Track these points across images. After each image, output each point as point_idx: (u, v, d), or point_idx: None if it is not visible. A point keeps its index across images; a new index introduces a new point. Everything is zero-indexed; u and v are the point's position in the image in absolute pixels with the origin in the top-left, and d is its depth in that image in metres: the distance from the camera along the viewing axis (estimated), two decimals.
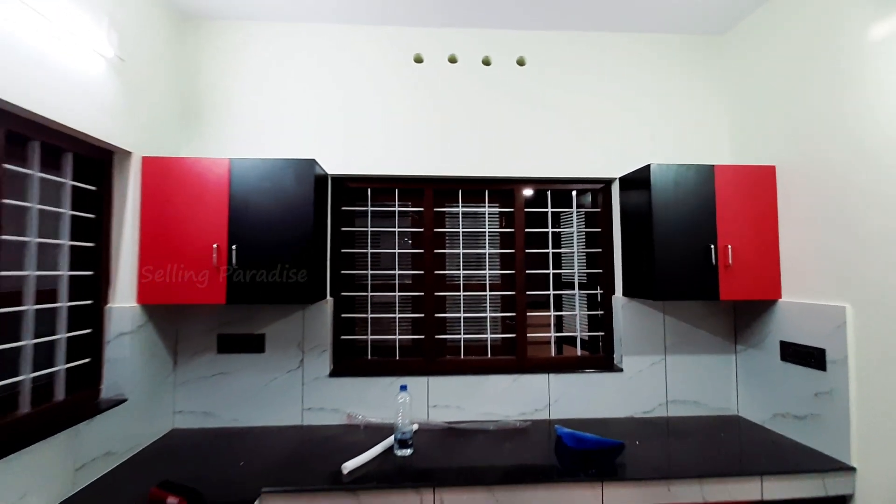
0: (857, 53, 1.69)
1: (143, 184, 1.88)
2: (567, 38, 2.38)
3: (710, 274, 2.01)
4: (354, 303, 2.40)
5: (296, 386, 2.19)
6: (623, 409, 2.27)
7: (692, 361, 2.32)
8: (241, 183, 1.90)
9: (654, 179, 2.02)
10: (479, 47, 2.34)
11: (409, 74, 2.31)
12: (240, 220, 1.89)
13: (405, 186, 2.39)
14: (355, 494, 1.57)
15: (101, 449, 1.66)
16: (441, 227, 2.42)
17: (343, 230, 2.37)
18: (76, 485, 1.53)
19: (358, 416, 2.17)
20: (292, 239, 1.91)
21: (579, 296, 2.47)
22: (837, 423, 1.75)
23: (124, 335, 1.81)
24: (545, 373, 2.28)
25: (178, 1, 2.10)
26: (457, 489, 1.59)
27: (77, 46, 1.54)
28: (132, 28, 1.83)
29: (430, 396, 2.23)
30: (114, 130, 1.73)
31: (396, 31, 2.32)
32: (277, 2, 2.11)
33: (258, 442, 1.96)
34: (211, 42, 2.25)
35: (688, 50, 2.41)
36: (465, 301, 2.42)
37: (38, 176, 1.50)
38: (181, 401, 2.14)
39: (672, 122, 2.38)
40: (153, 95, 1.99)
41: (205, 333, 2.17)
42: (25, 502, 1.34)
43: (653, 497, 1.63)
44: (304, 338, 2.21)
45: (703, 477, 1.65)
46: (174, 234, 1.88)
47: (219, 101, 2.23)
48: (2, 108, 1.32)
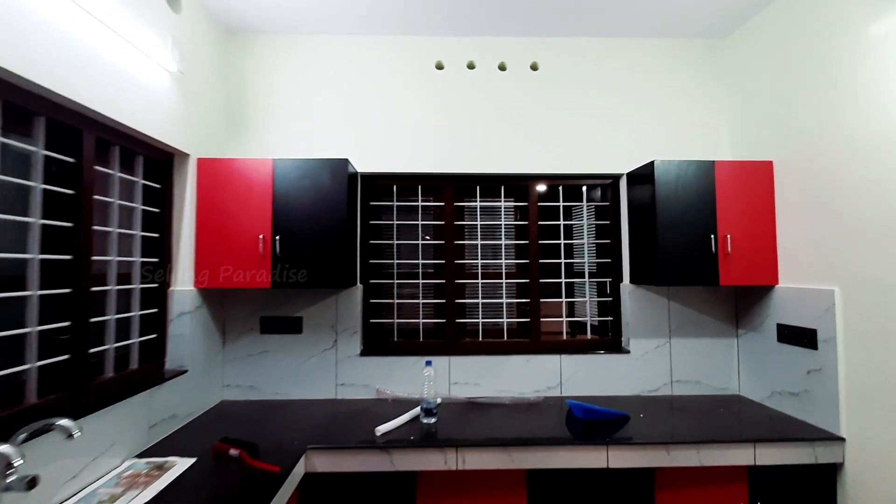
0: (850, 55, 1.83)
1: (198, 182, 2.13)
2: (577, 44, 2.55)
3: (710, 261, 2.17)
4: (382, 289, 2.63)
5: (330, 363, 2.43)
6: (630, 387, 2.45)
7: (696, 344, 2.48)
8: (283, 180, 2.14)
9: (658, 174, 2.19)
10: (495, 54, 2.53)
11: (431, 80, 2.52)
12: (282, 213, 2.13)
13: (427, 183, 2.61)
14: (388, 452, 1.79)
15: (168, 412, 1.91)
16: (460, 220, 2.63)
17: (371, 223, 2.59)
18: (150, 440, 1.79)
19: (386, 391, 2.40)
20: (328, 230, 2.13)
21: (589, 284, 2.65)
22: (828, 397, 1.90)
23: (184, 315, 2.07)
24: (557, 354, 2.47)
25: (224, 19, 2.35)
26: (477, 449, 1.80)
27: (149, 64, 1.79)
28: (188, 45, 2.08)
29: (452, 374, 2.44)
30: (175, 135, 1.98)
31: (419, 41, 2.53)
32: (311, 17, 2.34)
33: (298, 412, 2.20)
34: (253, 54, 2.49)
35: (691, 53, 2.56)
36: (483, 288, 2.62)
37: (117, 176, 1.75)
38: (229, 375, 2.40)
39: (677, 121, 2.54)
40: (205, 103, 2.24)
41: (249, 316, 2.42)
42: (114, 450, 1.59)
43: (653, 459, 1.81)
44: (338, 320, 2.44)
45: (699, 443, 1.82)
46: (225, 227, 2.12)
47: (260, 107, 2.47)
48: (94, 118, 1.57)
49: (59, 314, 1.49)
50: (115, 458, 1.59)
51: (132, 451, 1.69)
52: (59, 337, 1.50)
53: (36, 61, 1.28)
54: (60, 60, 1.36)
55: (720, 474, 1.85)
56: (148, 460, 1.65)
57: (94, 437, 1.51)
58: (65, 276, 1.51)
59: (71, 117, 1.50)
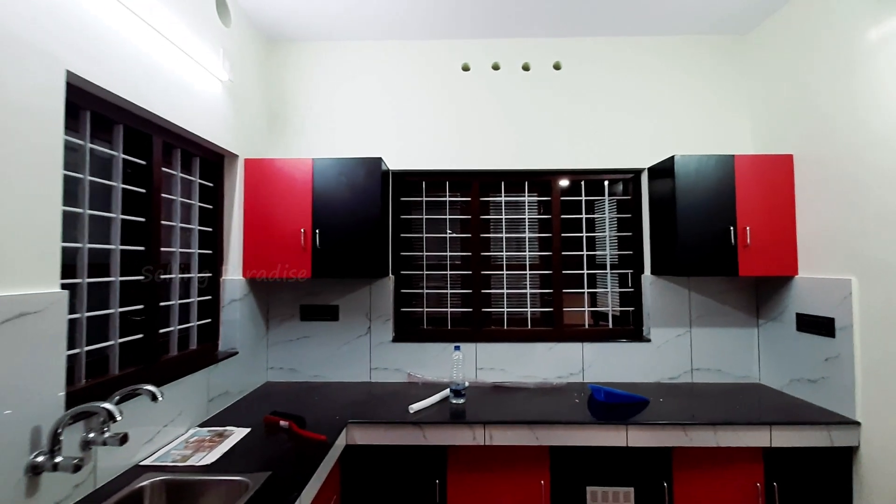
0: (869, 47, 1.87)
1: (245, 181, 2.32)
2: (599, 43, 2.64)
3: (730, 252, 2.24)
4: (411, 280, 2.78)
5: (364, 349, 2.60)
6: (650, 375, 2.54)
7: (716, 334, 2.55)
8: (322, 178, 2.31)
9: (678, 169, 2.27)
10: (519, 55, 2.65)
11: (458, 81, 2.65)
12: (321, 208, 2.30)
13: (455, 179, 2.74)
14: (421, 427, 1.95)
15: (223, 389, 2.12)
16: (486, 215, 2.76)
17: (401, 218, 2.75)
18: (209, 412, 2.00)
19: (416, 375, 2.56)
20: (363, 224, 2.30)
21: (610, 275, 2.75)
22: (844, 383, 1.96)
23: (235, 301, 2.27)
24: (579, 342, 2.58)
25: (266, 29, 2.53)
26: (503, 426, 1.94)
27: (204, 74, 1.98)
28: (236, 55, 2.27)
29: (478, 360, 2.58)
30: (226, 138, 2.17)
31: (446, 45, 2.66)
32: (344, 25, 2.50)
33: (336, 393, 2.38)
34: (291, 61, 2.68)
35: (712, 50, 2.62)
36: (508, 279, 2.75)
37: (179, 176, 1.96)
38: (272, 358, 2.60)
39: (698, 116, 2.60)
40: (250, 107, 2.43)
41: (290, 304, 2.62)
42: (180, 419, 1.80)
43: (671, 439, 1.91)
44: (371, 309, 2.61)
45: (716, 424, 1.91)
46: (270, 221, 2.31)
47: (298, 109, 2.66)
48: (161, 124, 1.77)
49: (134, 298, 1.69)
50: (181, 427, 1.80)
51: (195, 421, 1.89)
52: (135, 318, 1.71)
53: (116, 75, 1.47)
54: (135, 74, 1.56)
55: (737, 455, 1.94)
56: (209, 429, 1.85)
57: (165, 406, 1.71)
58: (138, 265, 1.71)
59: (143, 124, 1.70)
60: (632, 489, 1.94)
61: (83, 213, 1.44)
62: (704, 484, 1.94)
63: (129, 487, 1.38)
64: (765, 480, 1.93)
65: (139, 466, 1.52)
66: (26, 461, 1.14)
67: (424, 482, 1.96)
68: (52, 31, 1.23)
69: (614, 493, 1.94)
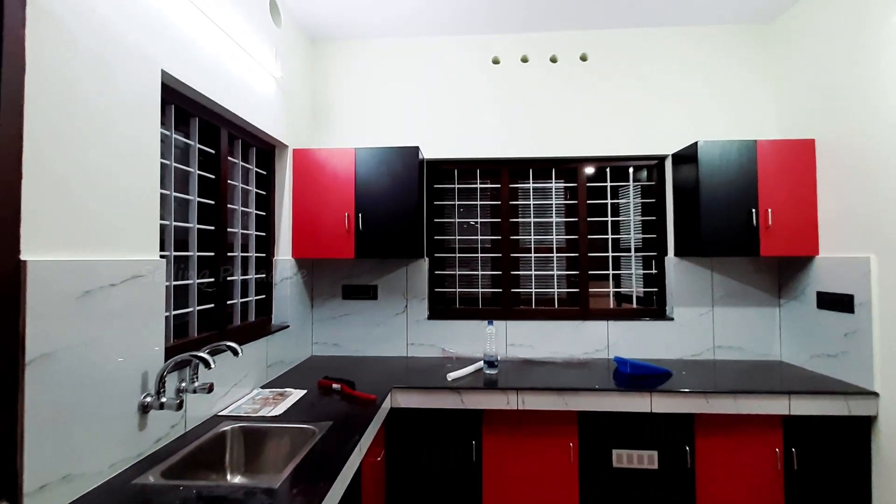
0: (890, 33, 1.94)
1: (294, 169, 2.53)
2: (625, 34, 2.75)
3: (752, 234, 2.34)
4: (445, 262, 2.96)
5: (401, 326, 2.79)
6: (673, 352, 2.67)
7: (738, 313, 2.65)
8: (363, 166, 2.50)
9: (701, 154, 2.38)
10: (547, 48, 2.78)
11: (489, 74, 2.80)
12: (363, 194, 2.49)
13: (485, 167, 2.90)
14: (458, 393, 2.12)
15: (278, 358, 2.34)
16: (515, 201, 2.91)
17: (435, 203, 2.92)
18: (269, 376, 2.22)
19: (450, 350, 2.74)
20: (401, 209, 2.48)
21: (635, 258, 2.87)
22: (863, 356, 2.06)
23: (286, 280, 2.48)
24: (604, 320, 2.72)
25: (309, 28, 2.72)
26: (535, 392, 2.10)
27: (261, 71, 2.18)
28: (286, 53, 2.47)
29: (508, 338, 2.75)
30: (278, 130, 2.37)
31: (477, 39, 2.81)
32: (383, 22, 2.67)
33: (376, 365, 2.57)
34: (333, 57, 2.86)
35: (736, 39, 2.69)
36: (535, 262, 2.89)
37: (240, 164, 2.17)
38: (317, 334, 2.82)
39: (723, 103, 2.69)
40: (297, 101, 2.63)
41: (333, 283, 2.83)
42: (246, 380, 2.02)
43: (693, 406, 2.04)
44: (408, 288, 2.80)
45: (736, 392, 2.04)
46: (316, 206, 2.51)
47: (339, 102, 2.85)
48: (228, 117, 1.98)
49: (207, 272, 1.91)
50: (246, 388, 2.02)
51: (258, 383, 2.11)
52: (207, 290, 1.93)
53: (199, 74, 1.68)
54: (211, 72, 1.76)
55: (757, 422, 2.06)
56: (270, 390, 2.07)
57: (235, 367, 1.93)
58: (209, 242, 1.93)
59: (213, 117, 1.91)
60: (655, 452, 2.08)
61: (170, 194, 1.66)
62: (726, 449, 2.06)
63: (213, 431, 1.60)
64: (784, 447, 2.05)
65: (217, 416, 1.74)
66: (138, 400, 1.36)
67: (462, 442, 2.14)
68: (150, 36, 1.44)
69: (639, 455, 2.08)
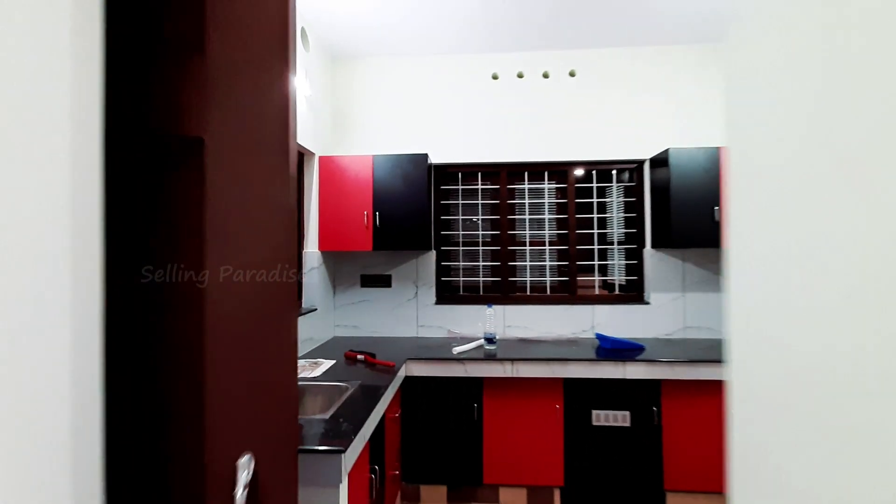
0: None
1: (320, 173, 2.92)
2: (608, 53, 3.12)
3: (715, 228, 2.72)
4: (449, 254, 3.35)
5: (412, 310, 3.19)
6: (649, 332, 3.05)
7: (708, 298, 3.03)
8: (380, 170, 2.88)
9: (672, 159, 2.75)
10: (540, 64, 3.15)
11: (488, 88, 3.18)
12: (380, 195, 2.87)
13: (486, 170, 3.28)
14: (463, 363, 2.52)
15: (308, 335, 2.73)
16: (512, 200, 3.29)
17: (441, 202, 3.31)
18: (301, 351, 2.62)
19: (455, 331, 3.13)
20: (412, 207, 2.86)
21: (618, 250, 3.25)
22: None
23: (313, 269, 2.88)
24: (590, 304, 3.10)
25: (331, 49, 3.11)
26: (527, 362, 2.49)
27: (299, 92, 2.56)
28: (313, 72, 2.85)
29: (505, 320, 3.14)
30: (307, 140, 2.76)
31: (478, 57, 3.18)
32: (396, 42, 3.05)
33: (392, 344, 2.97)
34: (352, 74, 3.25)
35: (698, 57, 3.06)
36: (531, 253, 3.28)
37: None
38: (338, 317, 3.22)
39: (692, 114, 3.06)
40: (321, 114, 3.01)
41: (352, 273, 3.22)
42: None
43: (661, 373, 2.43)
44: (418, 277, 3.19)
45: (697, 361, 2.42)
46: (339, 205, 2.90)
47: (357, 113, 3.23)
48: None
49: None
50: None
51: None
52: None
53: None
54: None
55: (714, 386, 2.44)
56: (306, 360, 2.47)
57: None
58: None
59: None
60: (628, 412, 2.47)
61: None
62: (688, 409, 2.45)
63: None
64: None
65: None
66: None
67: (466, 405, 2.54)
68: None
69: (614, 415, 2.48)
